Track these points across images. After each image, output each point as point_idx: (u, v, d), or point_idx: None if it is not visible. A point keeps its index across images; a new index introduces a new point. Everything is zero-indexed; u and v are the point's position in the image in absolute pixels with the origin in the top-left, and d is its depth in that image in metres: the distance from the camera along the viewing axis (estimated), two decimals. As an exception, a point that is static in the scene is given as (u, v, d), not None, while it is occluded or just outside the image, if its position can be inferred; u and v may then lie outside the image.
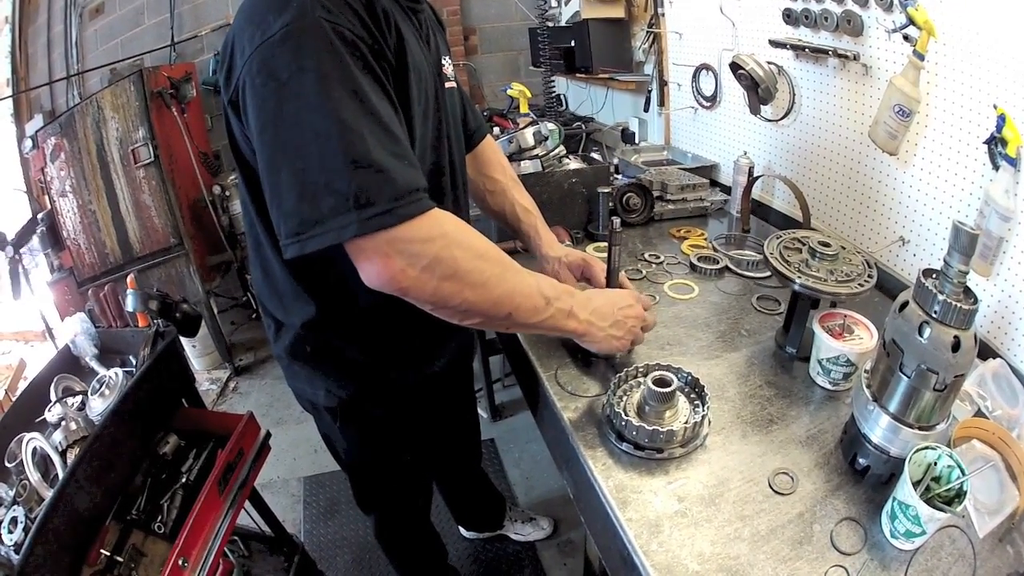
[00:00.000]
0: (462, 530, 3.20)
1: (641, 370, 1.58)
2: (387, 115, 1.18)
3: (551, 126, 2.75)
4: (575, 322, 1.47)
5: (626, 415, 1.41)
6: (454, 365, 1.96)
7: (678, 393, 1.49)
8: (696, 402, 1.51)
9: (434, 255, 1.18)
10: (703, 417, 1.44)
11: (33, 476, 1.82)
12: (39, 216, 4.61)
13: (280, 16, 1.11)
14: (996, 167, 1.68)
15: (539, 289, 1.39)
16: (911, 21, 1.78)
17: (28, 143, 4.55)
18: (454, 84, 1.67)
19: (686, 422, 1.41)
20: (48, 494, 1.73)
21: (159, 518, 1.95)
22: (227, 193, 4.63)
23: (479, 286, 1.26)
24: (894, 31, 1.91)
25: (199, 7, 5.07)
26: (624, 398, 1.53)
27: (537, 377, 1.74)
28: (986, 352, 1.76)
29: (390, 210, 1.12)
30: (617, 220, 1.63)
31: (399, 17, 1.32)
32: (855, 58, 2.11)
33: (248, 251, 1.58)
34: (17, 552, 1.63)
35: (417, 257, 1.17)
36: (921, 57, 1.80)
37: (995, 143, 1.66)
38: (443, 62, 1.59)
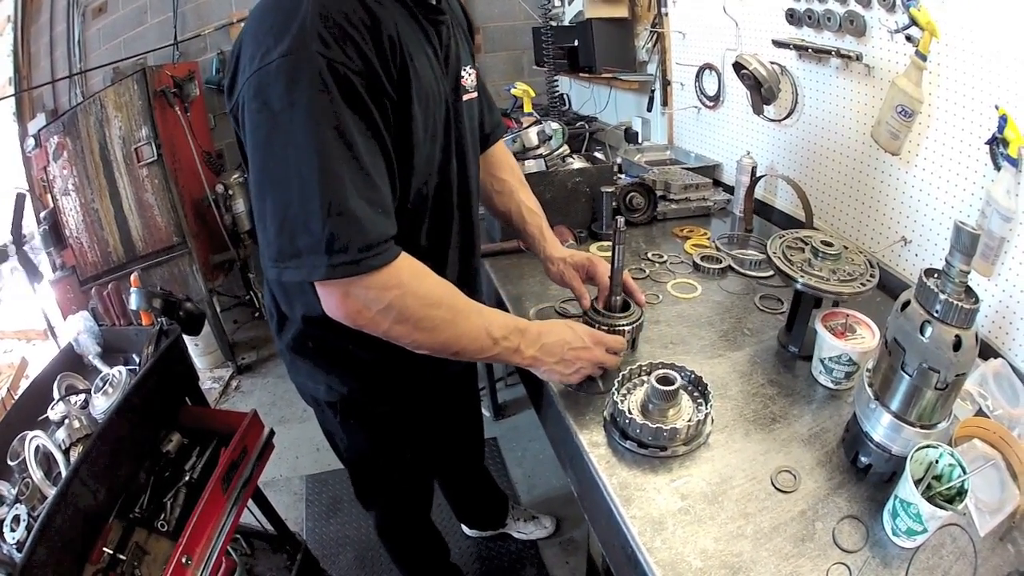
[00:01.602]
0: (465, 528, 3.21)
1: (645, 368, 1.58)
2: (370, 159, 1.22)
3: (555, 125, 2.75)
4: (520, 357, 1.50)
5: (630, 413, 1.42)
6: (455, 363, 1.97)
7: (681, 391, 1.50)
8: (699, 400, 1.52)
9: (388, 302, 1.27)
10: (706, 415, 1.44)
11: (36, 474, 1.83)
12: (42, 215, 4.62)
13: (279, 43, 1.13)
14: (998, 167, 1.69)
15: (487, 331, 1.44)
16: (913, 22, 1.79)
17: (31, 142, 4.55)
18: (474, 95, 1.67)
19: (689, 420, 1.41)
20: (51, 492, 1.74)
21: (162, 516, 1.95)
22: (230, 192, 4.63)
23: (428, 331, 1.35)
24: (896, 32, 1.91)
25: (202, 6, 5.07)
26: (628, 396, 1.53)
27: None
28: (987, 352, 1.76)
29: (358, 261, 1.20)
30: (622, 220, 1.63)
31: (410, 41, 1.32)
32: (858, 58, 2.11)
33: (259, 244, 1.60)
34: (19, 551, 1.63)
35: (374, 302, 1.26)
36: (923, 58, 1.81)
37: (997, 144, 1.66)
38: (463, 74, 1.59)
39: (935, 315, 1.14)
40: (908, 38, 1.87)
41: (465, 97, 1.60)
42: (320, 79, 1.13)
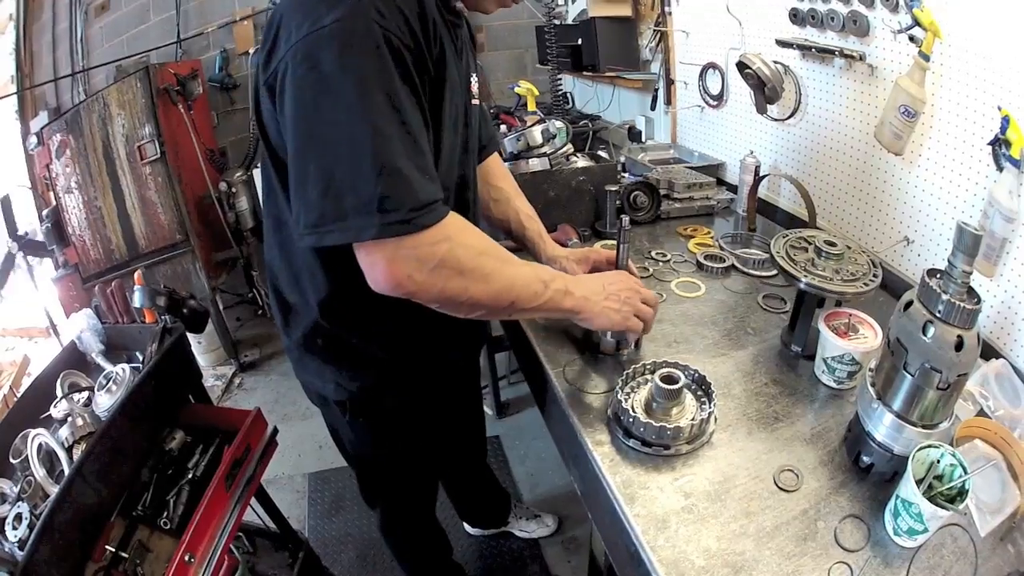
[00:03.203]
0: (467, 527, 3.22)
1: (648, 367, 1.59)
2: (417, 127, 1.22)
3: (559, 124, 2.75)
4: (571, 300, 1.50)
5: (633, 412, 1.43)
6: (465, 356, 2.01)
7: (685, 390, 1.50)
8: (703, 399, 1.52)
9: (440, 258, 1.23)
10: (709, 414, 1.45)
11: (38, 472, 1.83)
12: (44, 212, 4.62)
13: (333, 9, 1.13)
14: (1000, 168, 1.69)
15: (536, 275, 1.45)
16: (917, 22, 1.79)
17: (33, 140, 4.57)
18: (478, 101, 1.71)
19: (693, 419, 1.42)
20: (53, 490, 1.73)
21: (165, 514, 1.95)
22: (233, 190, 4.67)
23: (483, 280, 1.32)
24: (900, 32, 1.92)
25: (205, 4, 5.10)
26: (632, 395, 1.54)
27: (545, 374, 1.75)
28: (989, 352, 1.76)
29: (409, 220, 1.17)
30: (627, 219, 1.65)
31: (443, 30, 1.35)
32: (861, 58, 2.12)
33: (265, 234, 1.60)
34: (22, 549, 1.62)
35: (424, 261, 1.22)
36: (927, 58, 1.81)
37: (999, 144, 1.66)
38: (471, 79, 1.63)
39: (937, 315, 1.14)
40: (911, 38, 1.87)
41: (472, 102, 1.64)
42: (375, 46, 1.13)
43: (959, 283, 1.12)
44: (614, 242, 1.75)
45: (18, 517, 1.73)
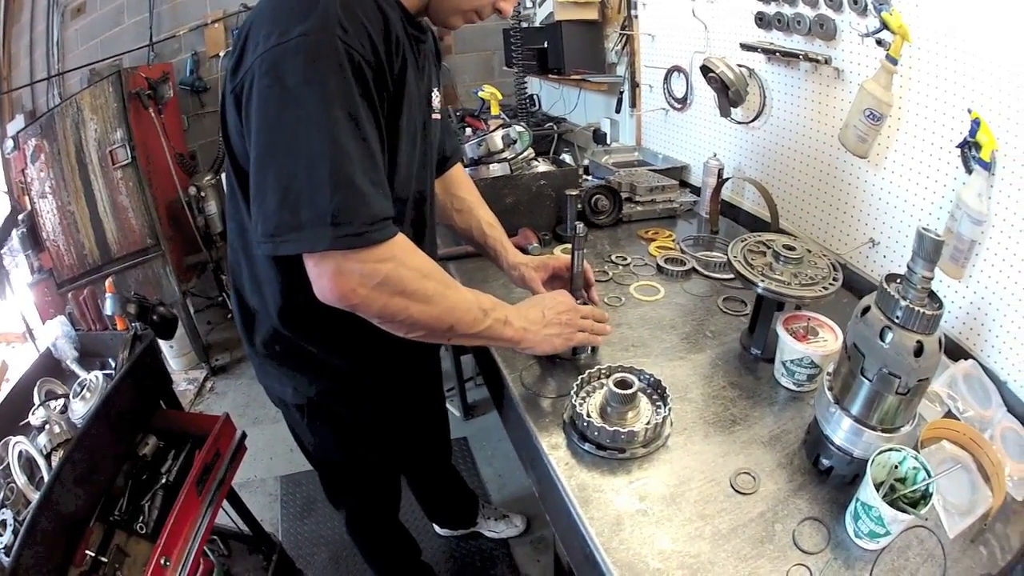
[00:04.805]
0: (436, 528, 3.23)
1: (604, 372, 1.60)
2: (374, 143, 1.25)
3: (519, 129, 2.76)
4: (511, 330, 1.52)
5: (588, 416, 1.44)
6: (422, 365, 2.02)
7: (640, 394, 1.52)
8: (658, 403, 1.54)
9: (385, 275, 1.25)
10: (664, 418, 1.46)
11: (20, 479, 1.85)
12: (20, 217, 4.60)
13: (300, 23, 1.15)
14: (969, 171, 1.70)
15: (478, 303, 1.47)
16: (885, 26, 1.80)
17: (9, 143, 4.54)
18: (439, 116, 1.73)
19: (648, 423, 1.43)
20: (35, 497, 1.74)
21: (141, 518, 1.97)
22: (203, 194, 4.68)
23: (424, 303, 1.33)
24: (867, 35, 1.92)
25: (177, 7, 5.09)
26: (587, 399, 1.55)
27: (503, 379, 1.77)
28: (958, 353, 1.78)
29: (361, 233, 1.19)
30: (581, 225, 1.66)
31: (406, 45, 1.36)
32: (827, 62, 2.13)
33: (229, 238, 1.61)
34: (7, 554, 1.64)
35: (368, 276, 1.23)
36: (894, 62, 1.82)
37: (968, 147, 1.67)
38: (432, 94, 1.65)
39: (896, 321, 1.15)
40: (879, 42, 1.87)
41: (433, 116, 1.66)
42: (338, 62, 1.15)
43: (919, 289, 1.13)
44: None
45: (2, 523, 1.76)
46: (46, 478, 1.79)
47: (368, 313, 1.29)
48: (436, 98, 1.68)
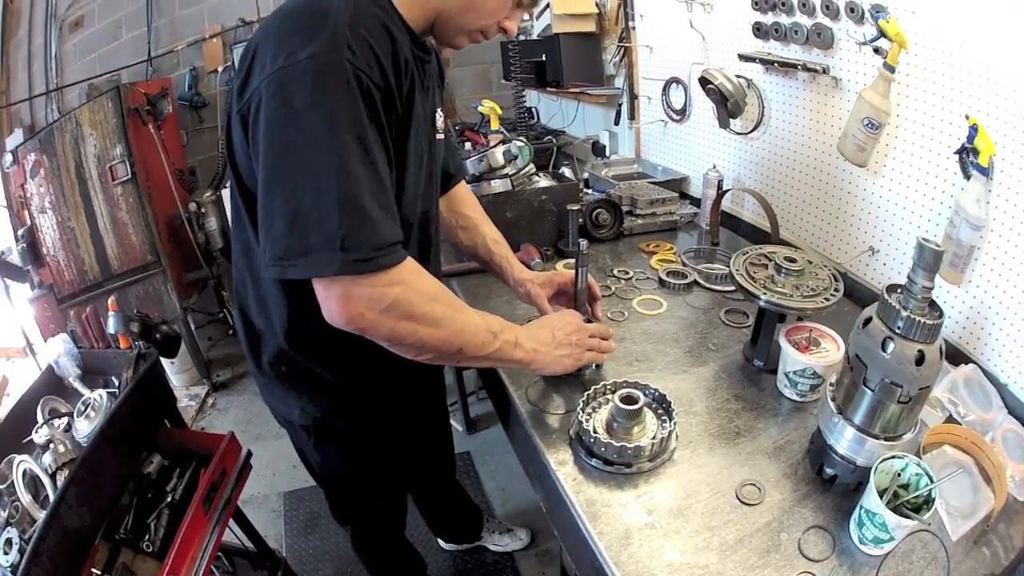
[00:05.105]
0: (441, 542, 3.22)
1: (609, 387, 1.61)
2: (382, 167, 1.24)
3: (520, 144, 2.76)
4: (521, 351, 1.53)
5: (595, 432, 1.45)
6: (427, 382, 2.04)
7: (645, 409, 1.53)
8: (663, 417, 1.54)
9: (393, 299, 1.25)
10: (670, 432, 1.47)
11: (24, 498, 1.85)
12: (19, 232, 4.60)
13: (308, 45, 1.15)
14: (967, 177, 1.70)
15: (486, 325, 1.47)
16: (882, 34, 1.81)
17: (8, 158, 4.53)
18: (442, 136, 1.73)
19: (654, 437, 1.44)
20: (40, 515, 1.76)
21: (147, 537, 1.97)
22: (203, 210, 4.67)
23: (432, 326, 1.33)
24: (864, 44, 1.93)
25: (175, 21, 5.09)
26: (593, 415, 1.55)
27: (508, 395, 1.77)
28: (959, 358, 1.79)
29: (370, 259, 1.19)
30: (584, 242, 1.67)
31: (413, 67, 1.37)
32: (824, 71, 2.14)
33: (234, 258, 1.61)
34: (14, 573, 1.65)
35: (376, 301, 1.23)
36: (892, 70, 1.83)
37: (966, 153, 1.67)
38: (436, 114, 1.65)
39: (897, 331, 1.16)
40: (876, 50, 1.89)
41: (437, 136, 1.66)
42: (346, 85, 1.15)
43: (919, 299, 1.14)
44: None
45: (8, 542, 1.76)
46: (51, 497, 1.79)
47: (377, 336, 1.29)
48: (440, 118, 1.68)
